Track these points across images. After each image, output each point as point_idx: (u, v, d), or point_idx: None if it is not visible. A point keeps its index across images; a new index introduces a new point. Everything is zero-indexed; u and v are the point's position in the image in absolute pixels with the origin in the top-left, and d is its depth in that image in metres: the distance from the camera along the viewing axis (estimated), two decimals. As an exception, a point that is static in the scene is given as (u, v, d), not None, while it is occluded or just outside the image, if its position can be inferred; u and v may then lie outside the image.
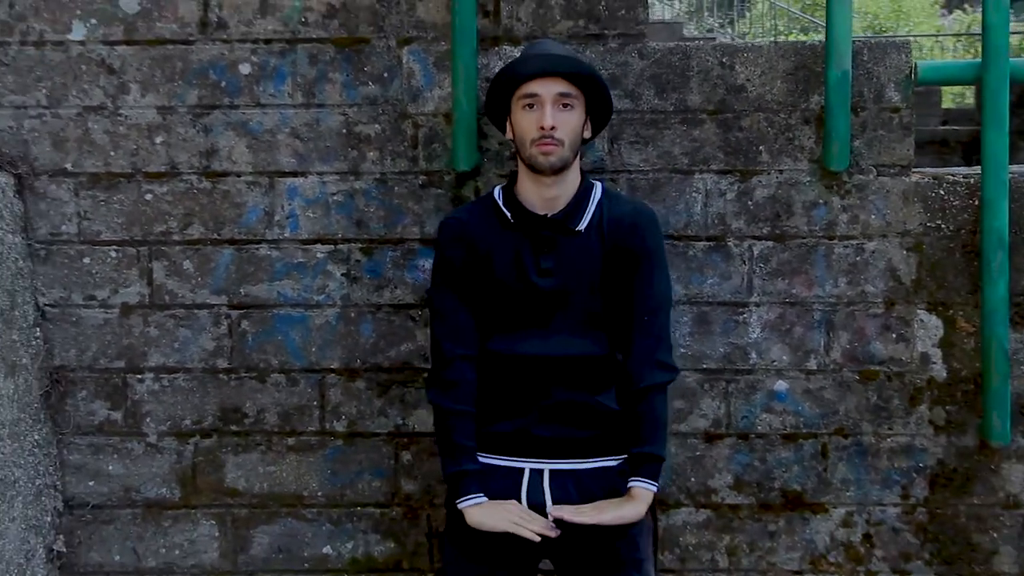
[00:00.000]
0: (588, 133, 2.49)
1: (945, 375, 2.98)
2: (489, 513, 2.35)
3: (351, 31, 2.98)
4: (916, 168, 3.01)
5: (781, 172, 2.96)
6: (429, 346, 2.53)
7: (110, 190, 3.01)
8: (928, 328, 2.98)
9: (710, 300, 2.99)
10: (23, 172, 2.99)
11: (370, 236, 3.01)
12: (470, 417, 2.42)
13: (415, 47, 2.97)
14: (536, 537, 2.30)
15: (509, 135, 2.47)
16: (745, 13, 16.85)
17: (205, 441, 3.07)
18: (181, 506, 3.08)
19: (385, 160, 2.99)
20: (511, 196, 2.45)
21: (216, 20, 2.98)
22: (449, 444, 2.41)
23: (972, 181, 2.95)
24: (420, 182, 2.99)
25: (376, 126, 2.99)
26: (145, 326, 3.04)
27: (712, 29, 14.80)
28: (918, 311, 2.97)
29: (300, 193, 3.01)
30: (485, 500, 2.37)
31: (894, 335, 2.98)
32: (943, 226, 2.96)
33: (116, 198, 3.02)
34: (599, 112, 2.49)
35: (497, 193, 2.50)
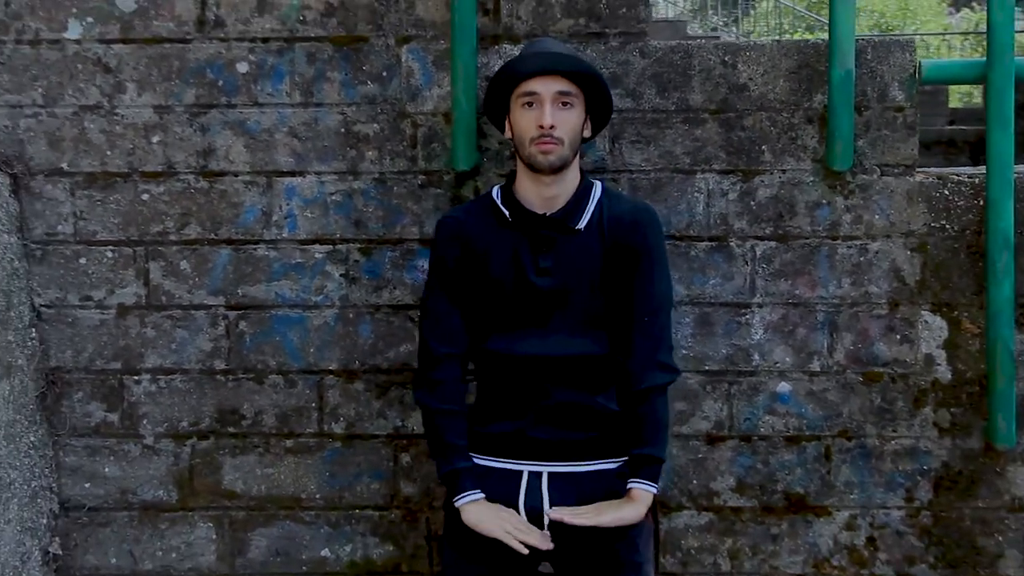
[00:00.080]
0: (588, 132, 2.47)
1: (950, 377, 2.96)
2: (485, 516, 2.33)
3: (349, 29, 2.96)
4: (921, 168, 2.99)
5: (784, 172, 2.94)
6: (418, 346, 2.52)
7: (106, 190, 3.00)
8: (932, 329, 2.95)
9: (712, 301, 2.97)
10: (19, 172, 2.97)
11: (369, 236, 2.99)
12: (458, 415, 2.41)
13: (414, 46, 2.95)
14: (524, 550, 2.28)
15: (508, 134, 2.44)
16: (750, 11, 16.83)
17: (202, 443, 3.05)
18: (178, 508, 3.07)
19: (384, 160, 2.97)
20: (510, 195, 2.44)
21: (213, 18, 2.96)
22: (440, 444, 2.41)
23: (977, 181, 2.93)
24: (419, 182, 2.97)
25: (375, 125, 2.97)
26: (142, 327, 3.02)
27: (716, 27, 14.80)
28: (922, 312, 2.95)
29: (298, 193, 2.99)
30: (482, 497, 2.36)
31: (898, 336, 2.95)
32: (947, 226, 2.93)
33: (112, 198, 3.00)
34: (599, 111, 2.47)
35: (496, 192, 2.48)
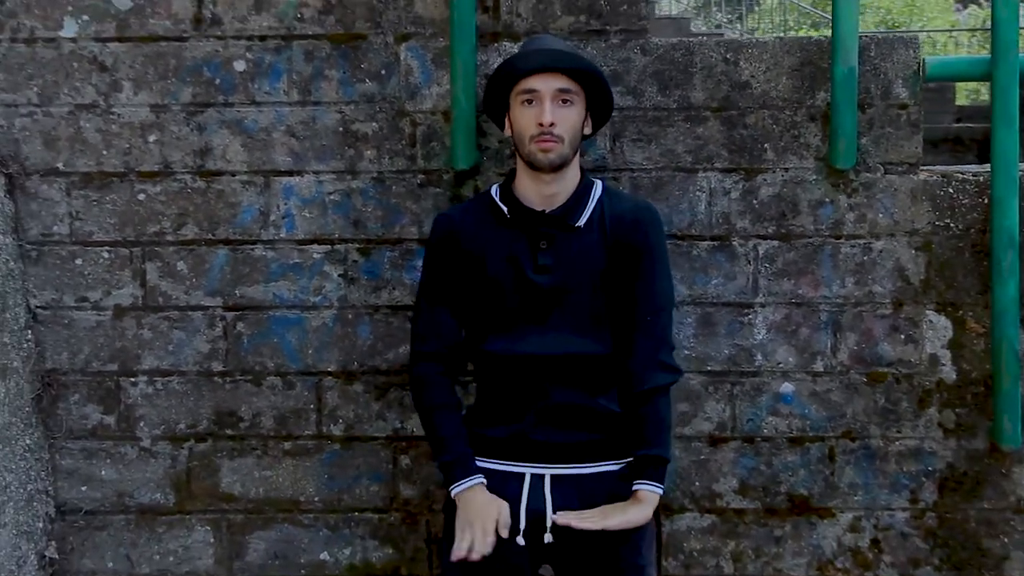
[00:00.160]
0: (588, 130, 2.45)
1: (955, 377, 2.94)
2: (473, 508, 2.31)
3: (347, 27, 2.93)
4: (926, 166, 2.96)
5: (786, 170, 2.91)
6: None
7: (102, 190, 2.97)
8: (937, 329, 2.93)
9: (714, 301, 2.95)
10: (14, 171, 2.95)
11: (368, 236, 2.96)
12: (448, 408, 2.42)
13: (413, 43, 2.93)
14: (463, 554, 2.26)
15: (508, 132, 2.43)
16: (754, 8, 16.79)
17: (200, 445, 3.03)
18: (175, 512, 3.05)
19: (383, 159, 2.95)
20: (509, 193, 2.42)
21: (210, 16, 2.94)
22: (434, 439, 2.43)
23: (981, 179, 2.91)
24: (418, 181, 2.95)
25: (373, 124, 2.94)
26: (138, 328, 3.00)
27: (720, 24, 14.77)
28: (927, 312, 2.93)
29: (296, 192, 2.96)
30: (477, 481, 2.33)
31: (902, 336, 2.93)
32: (952, 225, 2.91)
33: (109, 198, 2.97)
34: (599, 108, 2.45)
35: (495, 190, 2.47)
